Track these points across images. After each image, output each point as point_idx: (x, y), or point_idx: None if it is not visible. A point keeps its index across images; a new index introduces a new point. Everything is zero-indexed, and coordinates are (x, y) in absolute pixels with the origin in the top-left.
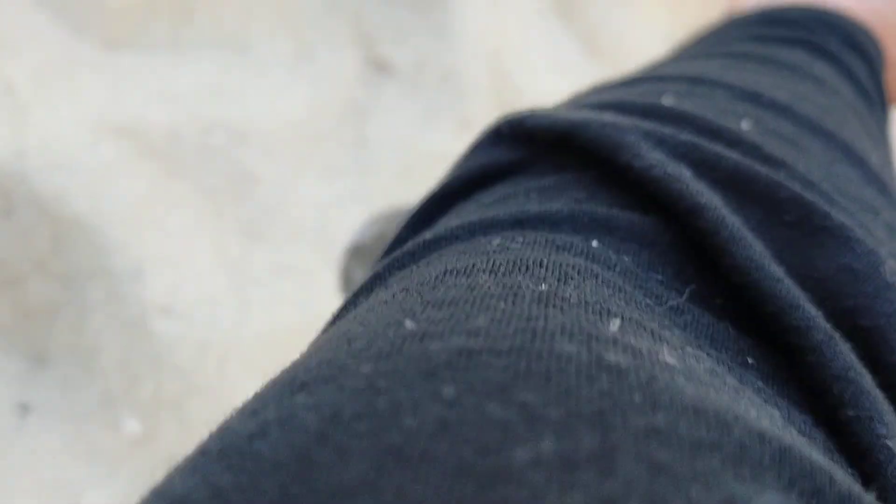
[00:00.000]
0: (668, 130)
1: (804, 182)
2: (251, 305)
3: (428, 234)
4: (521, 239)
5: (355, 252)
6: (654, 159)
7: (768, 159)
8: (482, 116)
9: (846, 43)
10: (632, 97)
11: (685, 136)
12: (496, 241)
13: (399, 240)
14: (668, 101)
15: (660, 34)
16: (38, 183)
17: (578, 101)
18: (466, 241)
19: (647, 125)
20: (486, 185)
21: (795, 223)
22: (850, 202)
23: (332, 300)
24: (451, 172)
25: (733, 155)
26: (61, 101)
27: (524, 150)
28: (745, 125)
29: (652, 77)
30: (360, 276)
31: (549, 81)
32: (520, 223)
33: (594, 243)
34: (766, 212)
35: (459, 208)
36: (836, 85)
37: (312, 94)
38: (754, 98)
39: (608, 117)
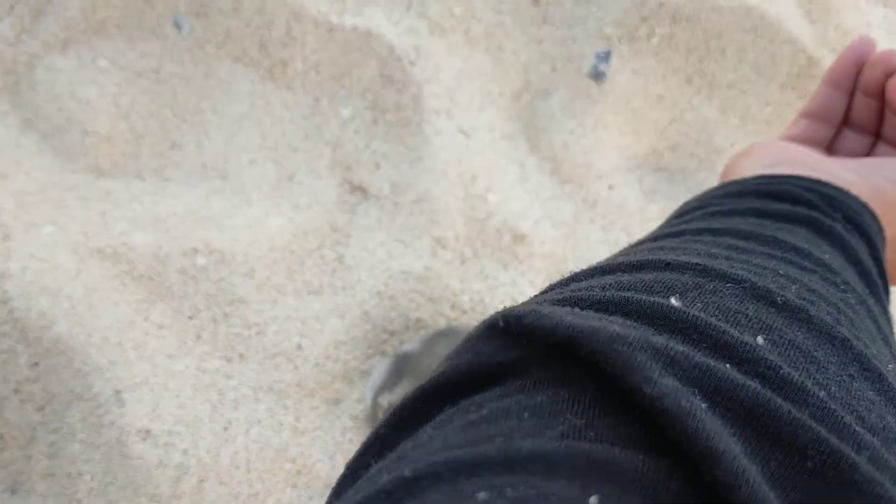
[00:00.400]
0: (680, 348)
1: (826, 414)
2: (230, 428)
3: (407, 471)
4: (510, 492)
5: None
6: (667, 387)
7: (787, 384)
8: (455, 235)
9: (850, 222)
10: (638, 293)
11: (699, 357)
12: (482, 495)
13: (379, 437)
14: (676, 301)
15: (623, 158)
16: (20, 306)
17: (579, 288)
18: (450, 486)
19: (658, 340)
20: (478, 384)
21: (818, 471)
22: (874, 435)
23: (307, 421)
24: (442, 365)
25: (751, 383)
26: (45, 225)
27: (520, 350)
28: (760, 340)
29: (657, 263)
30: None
31: (518, 202)
32: (510, 465)
33: (592, 500)
34: (787, 456)
35: (445, 418)
36: (846, 276)
37: (294, 217)
38: (766, 298)
39: (616, 327)
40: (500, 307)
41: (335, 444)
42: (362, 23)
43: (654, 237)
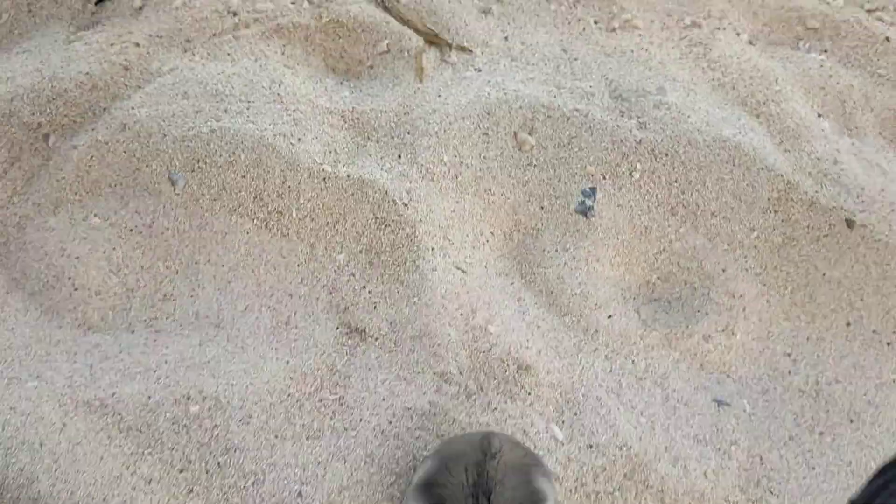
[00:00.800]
0: None
1: None
2: None
3: None
4: None
5: None
6: None
7: None
8: (459, 368)
9: None
10: None
11: None
12: None
13: None
14: None
15: (618, 289)
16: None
17: None
18: None
19: None
20: None
21: None
22: None
23: None
24: None
25: None
26: (29, 380)
27: None
28: None
29: None
30: None
31: (519, 333)
32: None
33: None
34: None
35: None
36: None
37: (291, 361)
38: None
39: None
40: None
41: None
42: (355, 171)
43: None
